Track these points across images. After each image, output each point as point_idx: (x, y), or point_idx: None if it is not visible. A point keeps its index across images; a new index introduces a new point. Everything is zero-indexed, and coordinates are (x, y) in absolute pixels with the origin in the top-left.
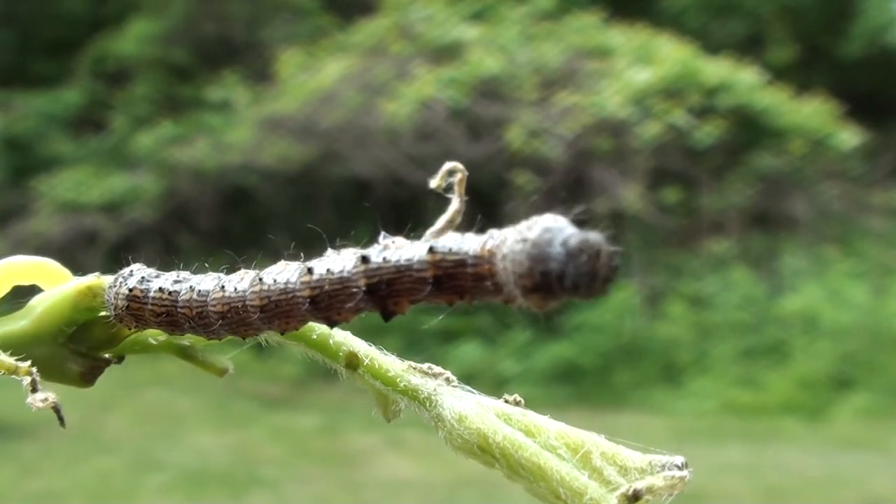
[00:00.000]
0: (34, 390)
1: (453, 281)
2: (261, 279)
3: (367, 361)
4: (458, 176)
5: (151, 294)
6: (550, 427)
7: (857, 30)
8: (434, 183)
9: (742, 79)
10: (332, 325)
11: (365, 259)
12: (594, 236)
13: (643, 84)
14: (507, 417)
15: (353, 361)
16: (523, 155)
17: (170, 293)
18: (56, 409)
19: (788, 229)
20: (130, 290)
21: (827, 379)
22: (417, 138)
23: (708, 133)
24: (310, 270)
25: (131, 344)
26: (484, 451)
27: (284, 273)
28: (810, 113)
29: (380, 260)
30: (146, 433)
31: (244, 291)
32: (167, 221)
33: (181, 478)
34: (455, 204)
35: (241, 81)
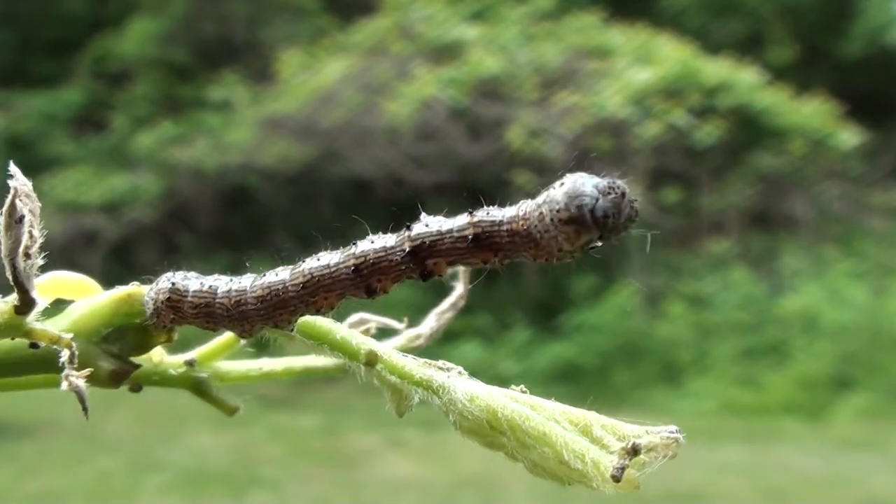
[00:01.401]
0: (71, 362)
1: (490, 238)
2: (302, 261)
3: (385, 358)
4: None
5: (192, 288)
6: (554, 406)
7: (857, 30)
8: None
9: (742, 79)
10: (371, 294)
11: (408, 227)
12: (619, 181)
13: (643, 84)
14: (514, 399)
15: (372, 359)
16: (523, 155)
17: (210, 286)
18: (80, 394)
19: (788, 229)
20: (173, 284)
21: (827, 379)
22: (417, 138)
23: (708, 133)
24: (354, 244)
25: (150, 374)
26: (493, 427)
27: (327, 256)
28: (810, 113)
29: (423, 228)
30: (146, 433)
31: (286, 276)
32: (167, 221)
33: (181, 478)
34: (459, 289)
35: (242, 81)
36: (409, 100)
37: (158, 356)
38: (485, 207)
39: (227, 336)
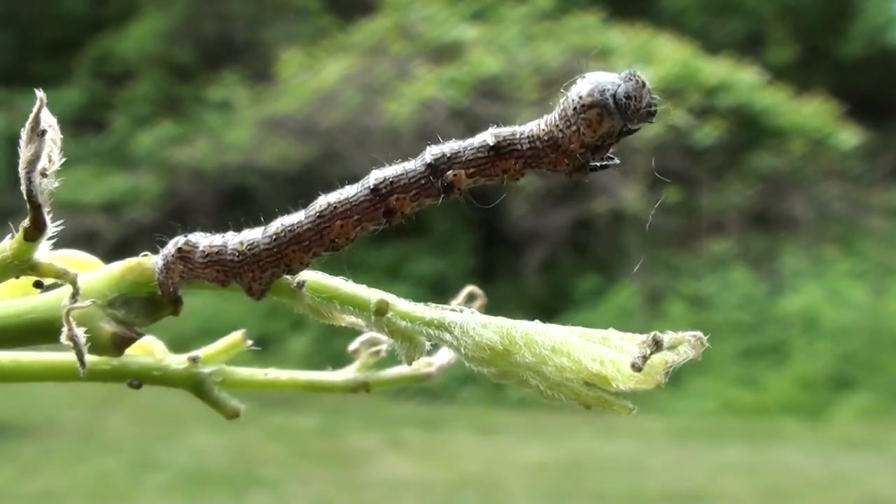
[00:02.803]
0: (74, 296)
1: (511, 146)
2: (319, 195)
3: (396, 305)
4: (479, 301)
5: (204, 241)
6: (570, 327)
7: (857, 30)
8: (454, 304)
9: (742, 79)
10: (389, 215)
11: (429, 146)
12: (639, 72)
13: None
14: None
15: (382, 307)
16: None
17: (223, 237)
18: (78, 344)
19: (788, 229)
20: (186, 238)
21: (827, 379)
22: (417, 138)
23: (708, 133)
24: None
25: (151, 369)
26: (507, 349)
27: (346, 188)
28: (810, 113)
29: (443, 147)
30: (146, 433)
31: (301, 215)
32: (167, 221)
33: (181, 478)
34: None
35: (242, 81)
36: (409, 100)
37: (161, 353)
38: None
39: (233, 337)
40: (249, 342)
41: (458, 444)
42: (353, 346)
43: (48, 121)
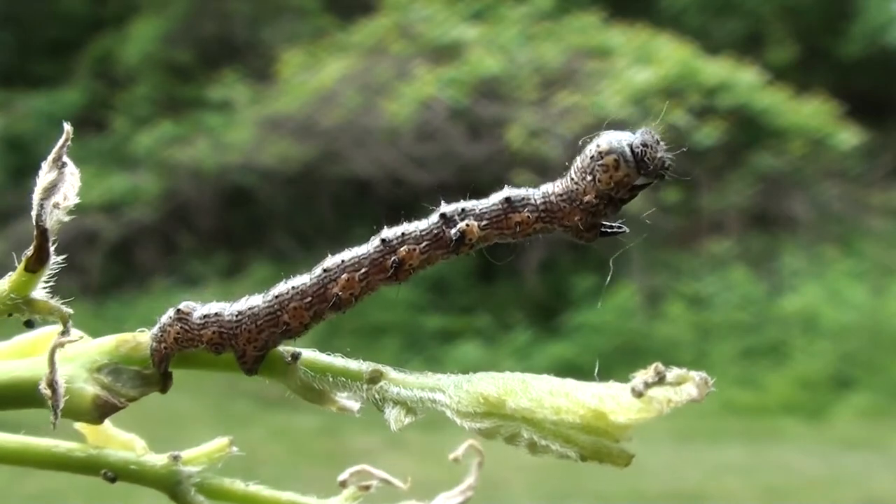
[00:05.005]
0: (64, 333)
1: (524, 201)
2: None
3: (389, 374)
4: (478, 459)
5: (202, 308)
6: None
7: (856, 30)
8: (452, 456)
9: (742, 79)
10: (399, 266)
11: (443, 202)
12: (654, 130)
13: (643, 84)
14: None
15: (376, 376)
16: (523, 155)
17: (220, 305)
18: (56, 393)
19: (788, 229)
20: (186, 302)
21: (827, 379)
22: (417, 138)
23: (708, 133)
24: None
25: (128, 462)
26: (502, 397)
27: (355, 249)
28: (810, 113)
29: (458, 203)
30: (146, 433)
31: (306, 278)
32: (167, 221)
33: None
34: (471, 480)
35: (242, 81)
36: (409, 100)
37: (141, 449)
38: None
39: (219, 442)
40: (235, 449)
41: (458, 445)
42: (343, 476)
43: (72, 169)
